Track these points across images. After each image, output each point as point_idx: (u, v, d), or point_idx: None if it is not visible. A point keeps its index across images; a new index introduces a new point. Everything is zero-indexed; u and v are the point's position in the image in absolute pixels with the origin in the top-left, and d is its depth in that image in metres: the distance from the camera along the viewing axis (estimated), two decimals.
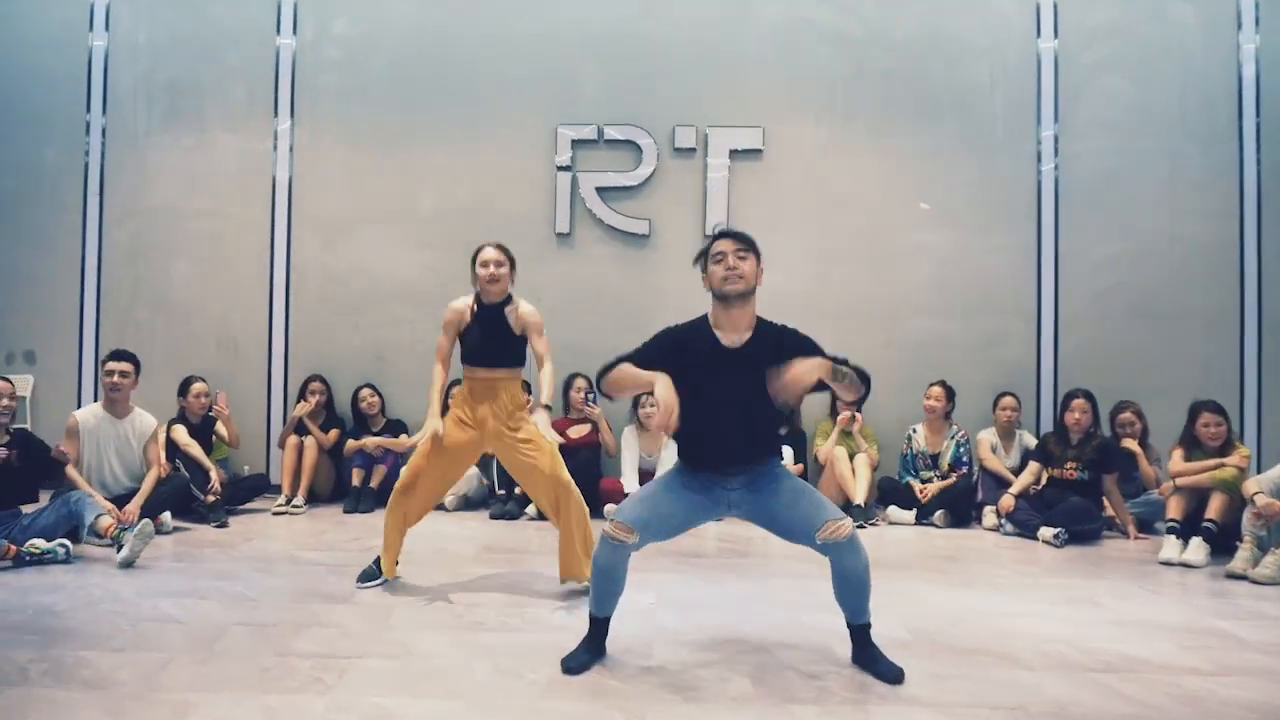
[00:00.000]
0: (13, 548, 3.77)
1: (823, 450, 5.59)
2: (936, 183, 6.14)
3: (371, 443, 5.73)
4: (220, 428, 5.58)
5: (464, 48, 6.23)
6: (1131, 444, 5.27)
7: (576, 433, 5.68)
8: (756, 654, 2.78)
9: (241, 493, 5.45)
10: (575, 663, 2.60)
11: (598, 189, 6.14)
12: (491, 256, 3.56)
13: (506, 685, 2.49)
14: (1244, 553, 3.97)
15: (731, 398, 2.56)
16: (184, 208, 6.26)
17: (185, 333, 6.22)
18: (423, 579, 3.70)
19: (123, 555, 3.78)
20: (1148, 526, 5.09)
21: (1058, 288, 6.08)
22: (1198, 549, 4.21)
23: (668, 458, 5.46)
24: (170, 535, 4.60)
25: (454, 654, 2.75)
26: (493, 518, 5.31)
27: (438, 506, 5.49)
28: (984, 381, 5.94)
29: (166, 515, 4.68)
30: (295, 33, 6.26)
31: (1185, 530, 4.36)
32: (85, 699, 2.34)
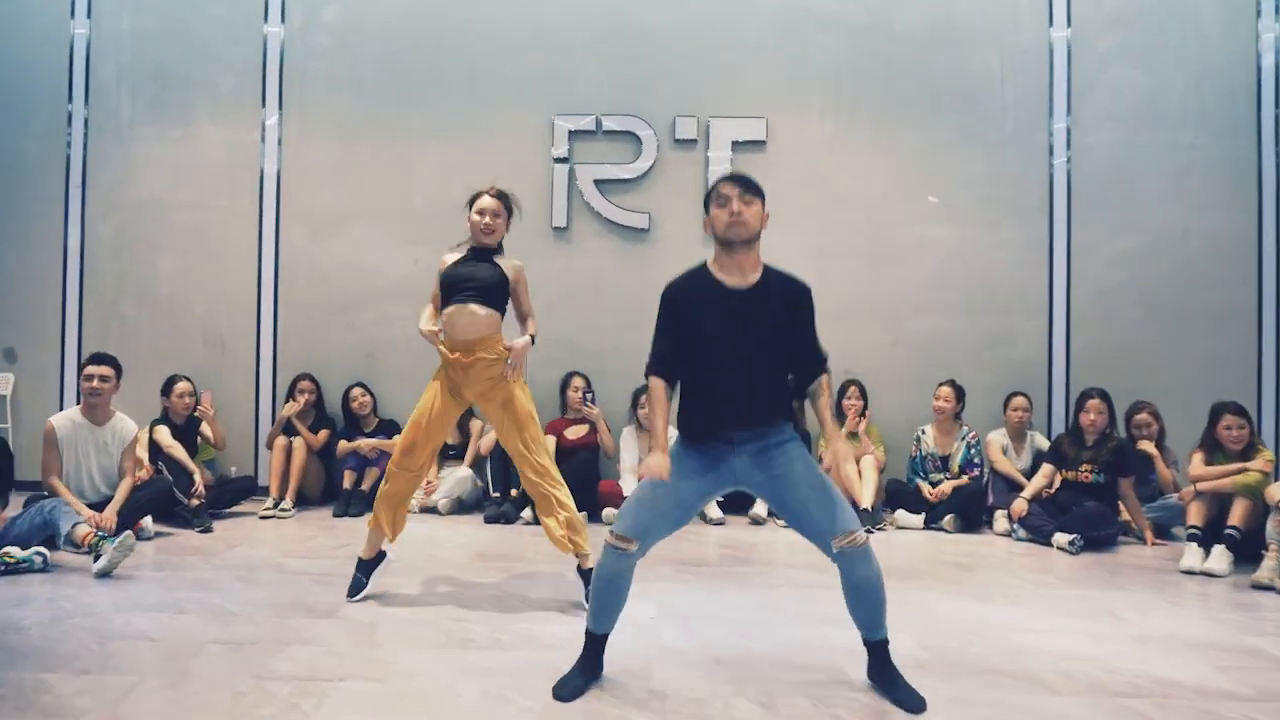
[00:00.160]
0: None
1: (827, 455, 5.39)
2: (944, 176, 5.96)
3: (366, 444, 5.56)
4: (205, 428, 5.41)
5: (458, 35, 6.04)
6: (1148, 446, 5.10)
7: (574, 433, 5.51)
8: (764, 676, 2.61)
9: (228, 495, 5.30)
10: (568, 690, 2.42)
11: (596, 181, 5.97)
12: (489, 205, 3.40)
13: (494, 712, 2.32)
14: (1270, 562, 3.80)
15: (737, 346, 2.40)
16: (169, 201, 6.08)
17: (171, 330, 6.05)
18: (411, 589, 3.54)
19: (99, 565, 3.61)
20: (1164, 532, 4.93)
21: (1069, 284, 5.90)
22: (1220, 557, 4.05)
23: None
24: (152, 541, 4.44)
25: (440, 675, 2.58)
26: (487, 521, 5.15)
27: (430, 510, 5.39)
28: (992, 381, 5.77)
29: (148, 520, 4.52)
30: (284, 20, 6.07)
31: (1207, 538, 4.19)
32: None
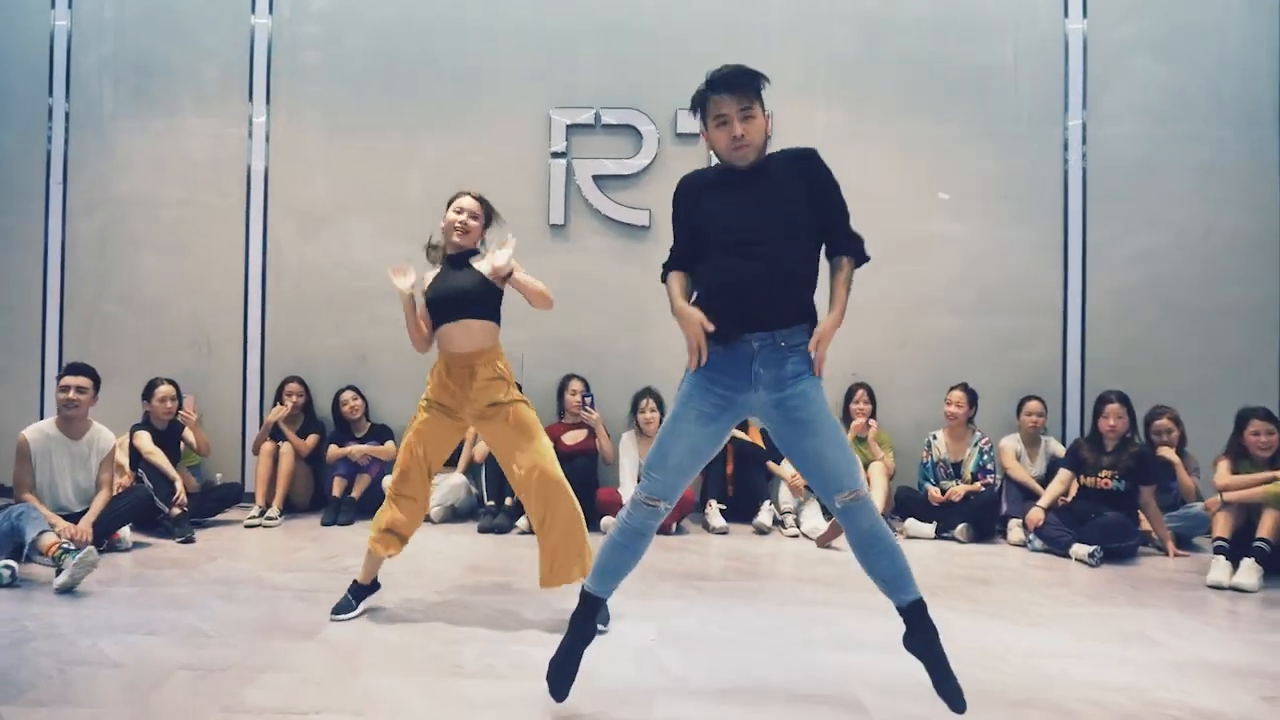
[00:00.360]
0: None
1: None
2: (956, 171, 5.76)
3: (358, 451, 5.37)
4: (188, 434, 5.21)
5: (452, 25, 5.83)
6: (1168, 452, 4.90)
7: (572, 439, 5.32)
8: (775, 709, 2.42)
9: (212, 503, 5.11)
10: (561, 690, 2.31)
11: (595, 177, 5.77)
12: (468, 205, 3.27)
13: None
14: None
15: (752, 227, 2.22)
16: (153, 197, 5.87)
17: (154, 330, 5.85)
18: (399, 606, 3.35)
19: (59, 581, 3.40)
20: (1186, 542, 4.74)
21: (1085, 284, 5.70)
22: (1249, 571, 3.86)
23: None
24: (129, 553, 4.25)
25: (425, 708, 2.38)
26: (481, 531, 4.95)
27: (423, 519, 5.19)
28: (1006, 384, 5.57)
29: (126, 530, 4.32)
30: (271, 10, 5.86)
31: (1234, 550, 4.00)
32: None
